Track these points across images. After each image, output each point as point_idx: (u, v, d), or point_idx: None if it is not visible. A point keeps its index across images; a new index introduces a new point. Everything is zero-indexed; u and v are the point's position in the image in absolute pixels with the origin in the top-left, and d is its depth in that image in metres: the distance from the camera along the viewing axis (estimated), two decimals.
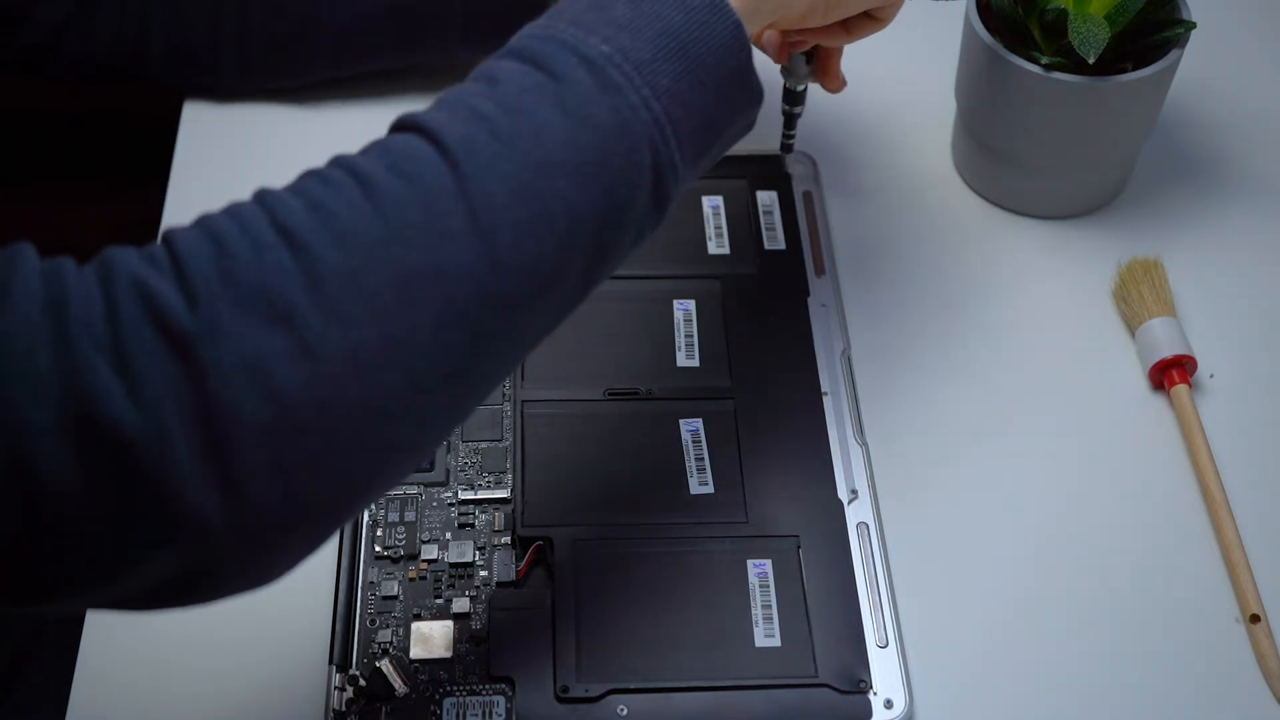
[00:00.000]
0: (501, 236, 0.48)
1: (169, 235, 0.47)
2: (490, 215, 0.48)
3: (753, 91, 0.56)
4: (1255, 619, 0.67)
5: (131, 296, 0.44)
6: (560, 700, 0.63)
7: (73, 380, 0.43)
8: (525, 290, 0.50)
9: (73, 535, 0.44)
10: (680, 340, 0.76)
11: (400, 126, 0.51)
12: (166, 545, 0.44)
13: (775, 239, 0.81)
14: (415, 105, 0.53)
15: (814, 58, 0.75)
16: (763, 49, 0.75)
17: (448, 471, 0.71)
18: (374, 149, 0.50)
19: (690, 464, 0.71)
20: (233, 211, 0.48)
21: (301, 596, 0.67)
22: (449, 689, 0.64)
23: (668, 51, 0.53)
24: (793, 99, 0.78)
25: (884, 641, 0.66)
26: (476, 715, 0.63)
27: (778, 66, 0.76)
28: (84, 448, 0.43)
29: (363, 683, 0.64)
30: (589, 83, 0.51)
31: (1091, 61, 0.71)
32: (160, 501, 0.44)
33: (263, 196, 0.48)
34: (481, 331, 0.49)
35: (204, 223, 0.47)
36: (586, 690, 0.64)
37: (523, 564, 0.68)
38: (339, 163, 0.50)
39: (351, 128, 0.86)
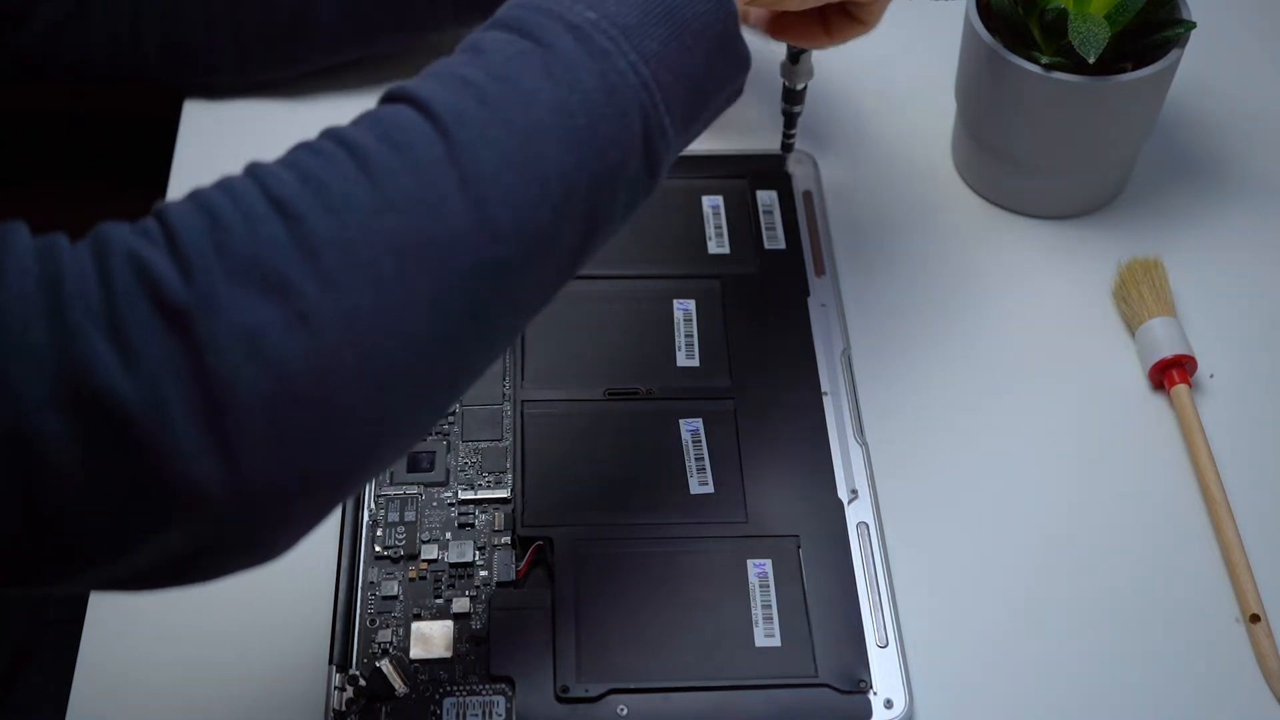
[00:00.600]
0: (494, 203, 0.49)
1: (161, 209, 0.47)
2: (482, 182, 0.49)
3: (740, 57, 0.56)
4: (1255, 619, 0.67)
5: (126, 270, 0.44)
6: (560, 700, 0.63)
7: (69, 355, 0.43)
8: (520, 257, 0.50)
9: (73, 512, 0.44)
10: (680, 340, 0.76)
11: (390, 98, 0.51)
12: (167, 519, 0.44)
13: (775, 239, 0.81)
14: None
15: (810, 56, 0.75)
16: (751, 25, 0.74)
17: (448, 471, 0.71)
18: (364, 120, 0.50)
19: (690, 464, 0.71)
20: (225, 185, 0.48)
21: (301, 596, 0.67)
22: (449, 689, 0.64)
23: (654, 17, 0.53)
24: (792, 98, 0.78)
25: (884, 641, 0.66)
26: (476, 715, 0.63)
27: (777, 66, 0.76)
28: (82, 422, 0.43)
29: (363, 683, 0.64)
30: (576, 49, 0.51)
31: (1091, 61, 0.71)
32: (160, 475, 0.43)
33: (254, 169, 0.48)
34: (478, 299, 0.49)
35: (196, 196, 0.47)
36: (586, 690, 0.64)
37: (523, 564, 0.68)
38: (330, 134, 0.50)
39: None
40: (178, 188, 0.83)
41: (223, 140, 0.86)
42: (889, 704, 0.64)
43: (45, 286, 0.44)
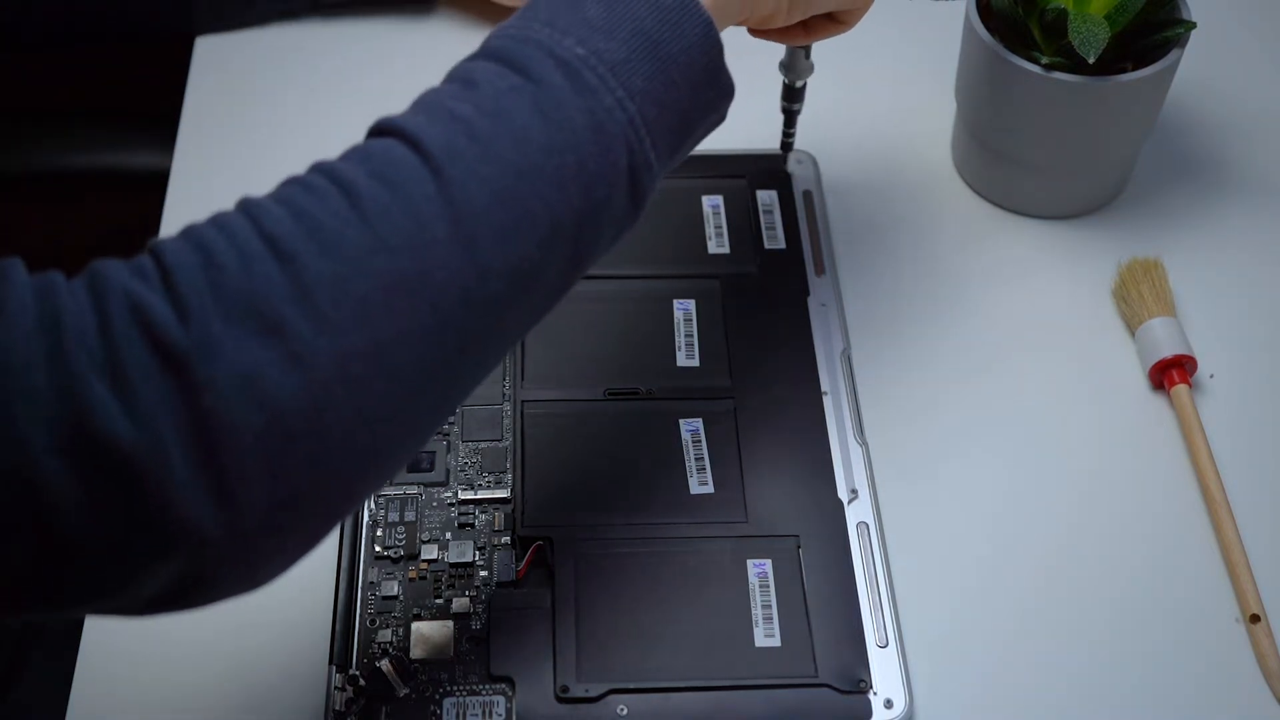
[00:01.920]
0: (484, 242, 0.49)
1: (156, 247, 0.47)
2: (472, 221, 0.49)
3: (724, 87, 0.57)
4: (1255, 619, 0.67)
5: (124, 312, 0.45)
6: (560, 700, 0.63)
7: (70, 397, 0.43)
8: (507, 292, 0.50)
9: (75, 549, 0.44)
10: (680, 340, 0.76)
11: (380, 131, 0.52)
12: (166, 555, 0.45)
13: (775, 239, 0.81)
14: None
15: (810, 52, 0.75)
16: None
17: (448, 471, 0.71)
18: (355, 155, 0.50)
19: (690, 464, 0.71)
20: (218, 222, 0.48)
21: (301, 596, 0.67)
22: (449, 689, 0.64)
23: (641, 52, 0.54)
24: (792, 95, 0.78)
25: (884, 641, 0.66)
26: (476, 715, 0.63)
27: (776, 62, 0.76)
28: (83, 464, 0.43)
29: (363, 683, 0.64)
30: (565, 85, 0.52)
31: (1091, 61, 0.71)
32: (159, 515, 0.44)
33: (247, 206, 0.48)
34: (466, 334, 0.50)
35: (190, 233, 0.48)
36: (586, 690, 0.64)
37: (523, 564, 0.68)
38: (321, 169, 0.50)
39: (354, 132, 0.87)
40: (178, 187, 0.83)
41: (223, 141, 0.86)
42: (889, 704, 0.64)
43: (45, 327, 0.44)
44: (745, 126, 0.85)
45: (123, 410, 0.43)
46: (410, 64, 0.89)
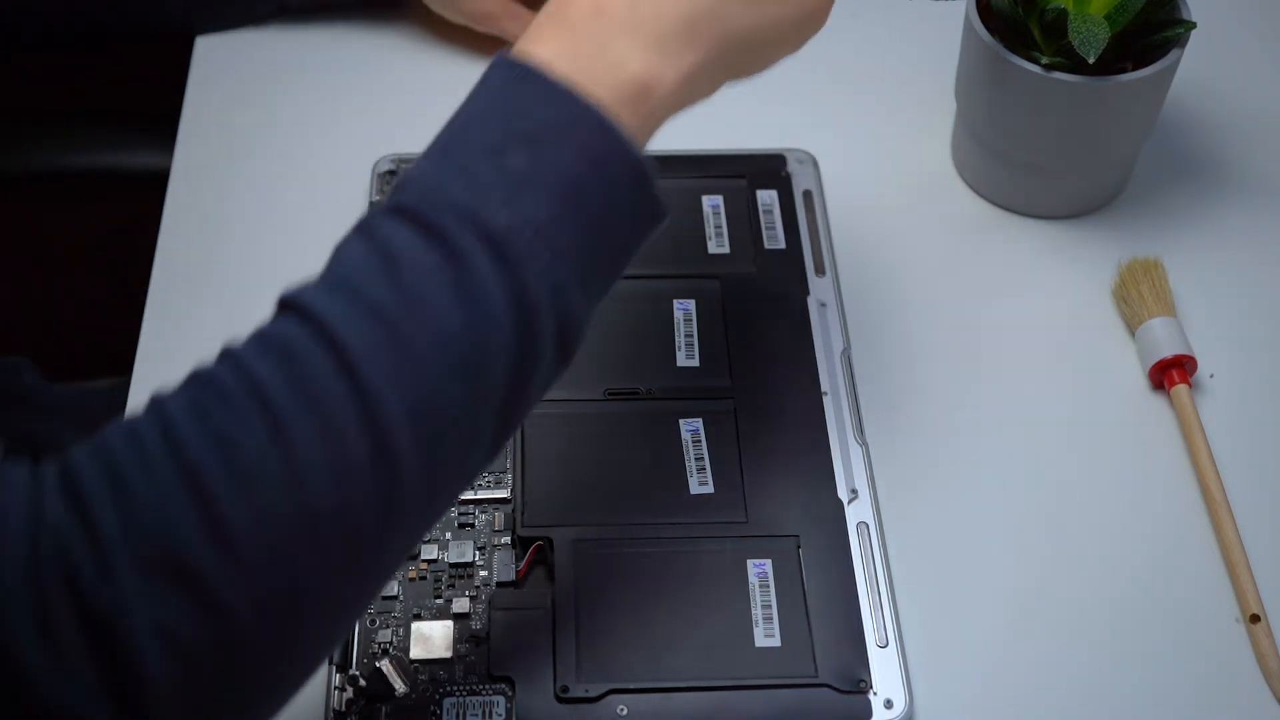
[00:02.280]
0: (405, 454, 0.48)
1: (74, 473, 0.46)
2: (393, 436, 0.47)
3: (657, 209, 0.54)
4: (1255, 619, 0.67)
5: (52, 560, 0.45)
6: (560, 700, 0.63)
7: (4, 651, 0.44)
8: (428, 493, 0.50)
9: None
10: (680, 340, 0.76)
11: (294, 307, 0.49)
12: None
13: (775, 239, 0.81)
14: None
15: None
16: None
17: None
18: (273, 353, 0.48)
19: (690, 464, 0.71)
20: (135, 441, 0.47)
21: None
22: (449, 689, 0.64)
23: (567, 204, 0.51)
24: None
25: (884, 641, 0.66)
26: (476, 715, 0.63)
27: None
28: (9, 709, 0.44)
29: (363, 683, 0.64)
30: (487, 264, 0.49)
31: (1091, 61, 0.71)
32: None
33: (165, 423, 0.47)
34: (386, 544, 0.49)
35: (107, 458, 0.47)
36: (586, 690, 0.64)
37: (523, 564, 0.68)
38: (239, 370, 0.48)
39: (353, 133, 0.87)
40: (178, 188, 0.83)
41: (223, 142, 0.86)
42: (889, 704, 0.64)
43: None
44: (745, 126, 0.85)
45: (49, 665, 0.44)
46: (410, 62, 0.89)
